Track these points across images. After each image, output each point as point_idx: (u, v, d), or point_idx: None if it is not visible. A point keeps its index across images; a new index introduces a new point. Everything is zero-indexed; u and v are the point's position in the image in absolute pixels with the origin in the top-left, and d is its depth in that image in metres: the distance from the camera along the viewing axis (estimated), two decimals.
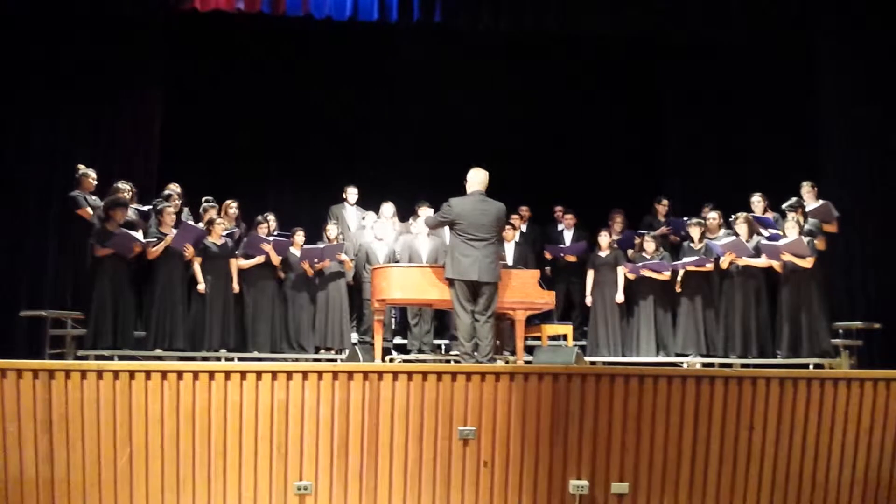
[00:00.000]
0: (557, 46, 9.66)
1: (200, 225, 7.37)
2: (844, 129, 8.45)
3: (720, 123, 9.59)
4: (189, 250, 7.01)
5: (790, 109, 9.01)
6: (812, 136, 8.69)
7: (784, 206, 7.28)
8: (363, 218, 8.34)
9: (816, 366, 6.80)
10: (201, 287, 7.08)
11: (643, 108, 10.29)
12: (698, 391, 5.14)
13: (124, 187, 7.18)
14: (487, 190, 6.01)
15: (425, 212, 8.09)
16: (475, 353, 5.79)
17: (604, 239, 7.86)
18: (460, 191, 6.05)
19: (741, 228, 7.33)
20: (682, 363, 7.29)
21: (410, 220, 8.12)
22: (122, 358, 6.56)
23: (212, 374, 4.88)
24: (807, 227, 7.14)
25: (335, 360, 7.18)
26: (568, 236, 8.44)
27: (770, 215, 7.64)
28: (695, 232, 7.59)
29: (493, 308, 5.87)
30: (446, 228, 7.99)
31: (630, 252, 7.93)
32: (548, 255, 8.27)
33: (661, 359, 7.42)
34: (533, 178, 9.77)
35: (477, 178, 5.96)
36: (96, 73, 8.27)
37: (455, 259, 5.80)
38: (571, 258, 8.16)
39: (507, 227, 7.87)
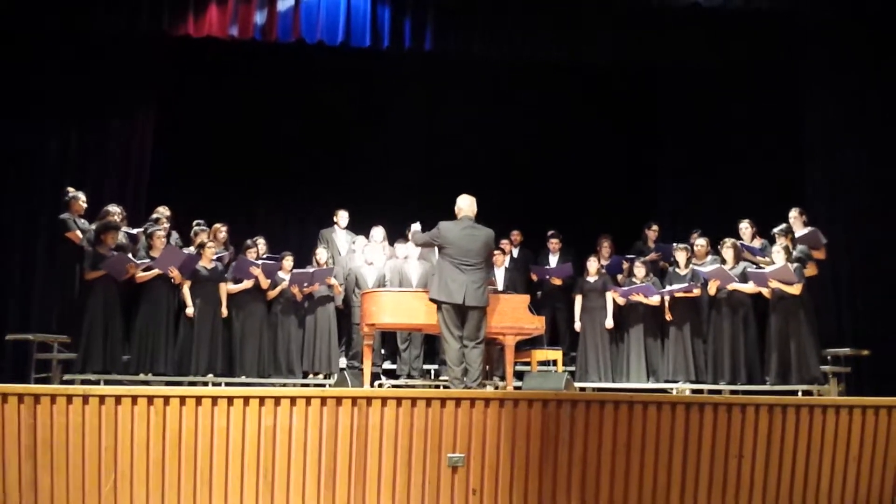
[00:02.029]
0: (547, 73, 9.73)
1: (191, 249, 7.36)
2: (831, 156, 8.54)
3: (711, 150, 9.66)
4: (174, 273, 6.98)
5: (779, 137, 9.09)
6: (800, 162, 8.77)
7: (774, 230, 7.32)
8: (353, 242, 8.34)
9: (805, 392, 6.81)
10: (189, 311, 7.05)
11: (634, 134, 10.36)
12: (687, 418, 5.13)
13: (115, 210, 7.17)
14: (480, 215, 6.04)
15: None
16: (464, 378, 5.78)
17: (592, 264, 7.88)
18: (451, 215, 6.07)
19: (727, 254, 7.37)
20: (671, 389, 7.28)
21: (395, 245, 8.12)
22: (108, 382, 6.51)
23: (198, 399, 4.83)
24: (796, 253, 7.18)
25: (323, 386, 7.14)
26: (553, 260, 8.43)
27: (758, 242, 7.69)
28: (681, 257, 7.62)
29: (483, 333, 5.88)
30: (436, 252, 8.07)
31: (619, 277, 7.95)
32: (533, 277, 8.28)
33: (650, 385, 7.41)
34: (525, 204, 9.80)
35: (465, 204, 6.01)
36: (86, 94, 8.28)
37: (442, 282, 5.82)
38: (557, 281, 8.15)
39: (497, 252, 7.89)
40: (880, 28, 8.39)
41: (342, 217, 8.50)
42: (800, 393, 6.79)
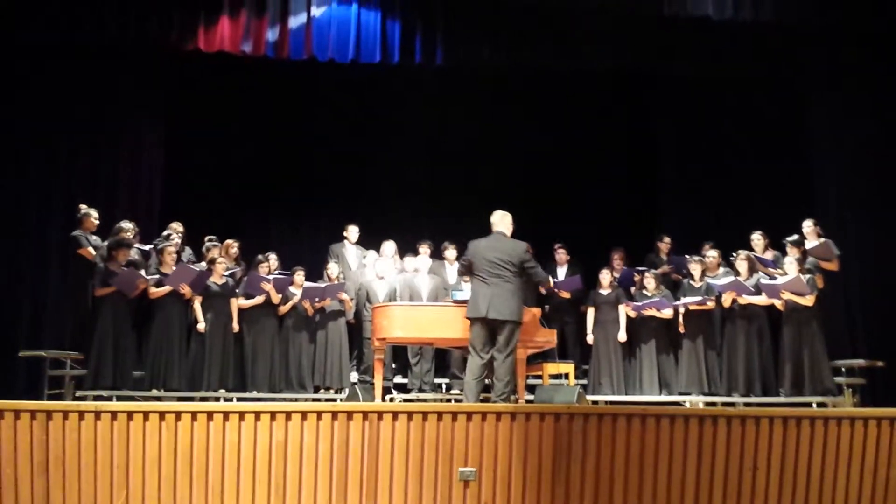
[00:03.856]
0: (556, 84, 9.74)
1: (202, 264, 7.40)
2: (839, 166, 8.51)
3: (717, 161, 9.63)
4: (185, 290, 7.00)
5: (786, 143, 9.06)
6: (808, 173, 8.73)
7: (786, 241, 7.28)
8: (364, 257, 8.36)
9: (820, 404, 6.75)
10: (201, 326, 7.07)
11: (640, 145, 10.35)
12: (701, 431, 5.09)
13: (127, 227, 7.20)
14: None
15: (425, 250, 8.13)
16: (478, 392, 5.74)
17: (605, 277, 7.85)
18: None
19: (742, 266, 7.34)
20: (684, 402, 7.23)
21: (406, 259, 8.13)
22: (120, 398, 6.53)
23: (210, 414, 4.84)
24: (806, 265, 7.14)
25: (335, 400, 7.13)
26: (561, 272, 8.39)
27: (771, 253, 7.65)
28: (695, 270, 7.59)
29: (512, 347, 5.75)
30: (448, 268, 8.08)
31: (632, 290, 7.92)
32: (542, 290, 8.24)
33: (663, 398, 7.37)
34: (534, 216, 9.77)
35: (496, 219, 5.98)
36: (98, 110, 8.34)
37: (472, 297, 5.81)
38: (565, 294, 8.12)
39: None
40: (885, 38, 8.37)
41: (352, 232, 8.52)
42: (814, 405, 6.73)
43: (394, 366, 7.91)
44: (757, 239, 7.72)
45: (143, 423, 4.77)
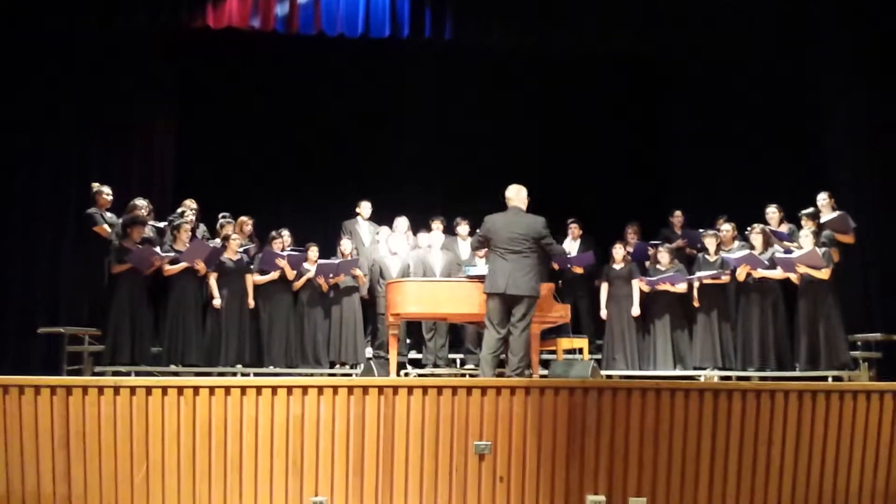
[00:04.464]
0: (570, 63, 9.66)
1: (217, 241, 7.43)
2: (855, 138, 8.40)
3: (729, 134, 9.52)
4: (200, 266, 7.04)
5: (798, 116, 8.95)
6: (821, 145, 8.63)
7: (801, 213, 7.23)
8: (377, 233, 8.36)
9: (836, 378, 6.74)
10: (217, 302, 7.12)
11: (652, 121, 10.25)
12: (716, 405, 5.10)
13: (141, 204, 7.25)
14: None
15: (438, 226, 8.13)
16: (494, 366, 5.75)
17: (618, 252, 7.82)
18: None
19: (756, 240, 7.30)
20: (699, 376, 7.24)
21: (419, 234, 8.13)
22: (138, 374, 6.60)
23: (227, 389, 4.89)
24: (821, 238, 7.09)
25: (350, 375, 7.18)
26: (574, 247, 8.37)
27: (786, 227, 7.60)
28: (710, 244, 7.55)
29: (527, 322, 5.75)
30: (460, 244, 8.08)
31: (647, 264, 7.89)
32: (554, 265, 8.23)
33: (678, 372, 7.37)
34: (545, 193, 9.71)
35: (512, 194, 5.95)
36: (109, 90, 8.35)
37: (490, 273, 5.81)
38: (578, 269, 8.09)
39: None
40: None
41: (365, 208, 8.51)
42: (830, 379, 6.72)
43: (408, 341, 7.94)
44: (772, 212, 7.67)
45: (161, 397, 4.83)
